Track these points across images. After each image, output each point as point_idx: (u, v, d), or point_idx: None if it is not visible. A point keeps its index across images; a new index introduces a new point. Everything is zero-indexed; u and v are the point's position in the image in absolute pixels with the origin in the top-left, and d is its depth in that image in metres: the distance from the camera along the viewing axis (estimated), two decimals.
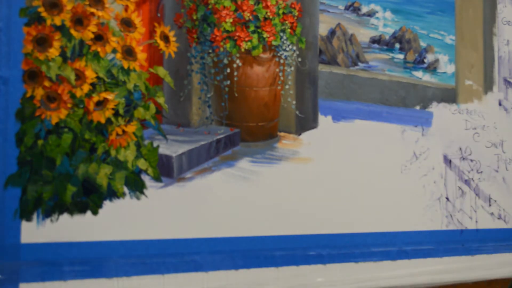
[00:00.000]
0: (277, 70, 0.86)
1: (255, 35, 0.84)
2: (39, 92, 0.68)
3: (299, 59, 0.88)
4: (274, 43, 0.85)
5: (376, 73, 0.97)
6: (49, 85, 0.68)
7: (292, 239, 0.84)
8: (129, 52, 0.73)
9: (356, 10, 0.97)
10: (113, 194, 0.72)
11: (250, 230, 0.81)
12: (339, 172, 0.90)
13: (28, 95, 0.67)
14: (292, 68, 0.87)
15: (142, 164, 0.74)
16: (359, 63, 0.96)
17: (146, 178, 0.74)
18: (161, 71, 0.76)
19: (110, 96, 0.71)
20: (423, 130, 1.00)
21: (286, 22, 0.86)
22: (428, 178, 1.00)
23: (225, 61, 0.82)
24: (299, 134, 0.88)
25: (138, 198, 0.73)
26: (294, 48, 0.88)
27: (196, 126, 0.81)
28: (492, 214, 1.07)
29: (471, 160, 1.06)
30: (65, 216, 0.69)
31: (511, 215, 1.09)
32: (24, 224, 0.67)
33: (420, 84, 1.02)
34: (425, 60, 1.04)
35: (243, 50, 0.83)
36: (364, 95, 0.95)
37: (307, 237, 0.86)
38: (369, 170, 0.93)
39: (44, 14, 0.68)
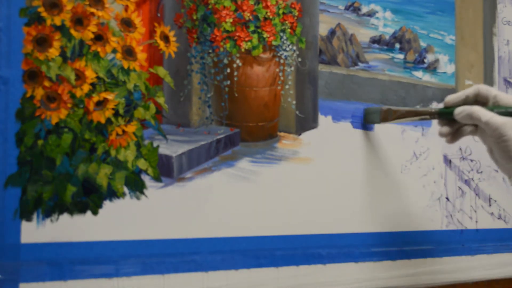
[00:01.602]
0: (277, 70, 0.86)
1: (255, 35, 0.84)
2: (39, 92, 0.68)
3: (299, 59, 0.88)
4: (274, 43, 0.85)
5: (376, 73, 0.97)
6: (49, 85, 0.68)
7: (292, 239, 0.84)
8: (129, 52, 0.73)
9: (356, 10, 0.97)
10: (113, 194, 0.72)
11: (250, 230, 0.81)
12: (339, 172, 0.90)
13: (28, 95, 0.67)
14: (292, 68, 0.87)
15: (142, 164, 0.74)
16: (359, 63, 0.96)
17: (146, 178, 0.74)
18: (161, 71, 0.76)
19: (110, 96, 0.71)
20: (423, 130, 1.00)
21: (286, 22, 0.86)
22: (428, 178, 1.00)
23: (225, 61, 0.82)
24: (299, 134, 0.88)
25: (138, 198, 0.73)
26: (294, 48, 0.88)
27: (196, 126, 0.81)
28: (492, 214, 1.07)
29: (471, 160, 1.06)
30: (65, 216, 0.69)
31: (511, 215, 1.09)
32: (24, 224, 0.67)
33: (420, 84, 1.02)
34: (425, 60, 1.04)
35: (243, 50, 0.83)
36: (364, 95, 0.95)
37: (307, 237, 0.86)
38: (369, 170, 0.93)
39: (44, 14, 0.68)
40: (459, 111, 0.78)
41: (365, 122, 0.92)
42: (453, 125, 0.81)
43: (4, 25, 0.67)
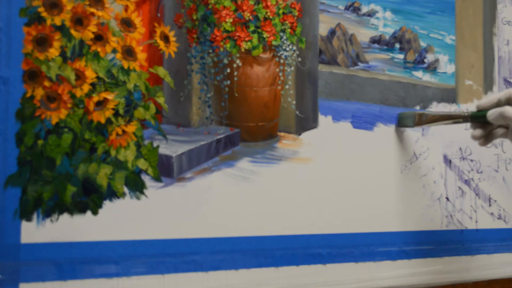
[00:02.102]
0: (277, 70, 0.86)
1: (255, 35, 0.84)
2: (39, 92, 0.68)
3: (299, 59, 0.88)
4: (274, 43, 0.85)
5: (376, 73, 0.97)
6: (49, 85, 0.68)
7: (292, 239, 0.84)
8: (129, 52, 0.73)
9: (356, 10, 0.97)
10: (113, 194, 0.72)
11: (250, 230, 0.81)
12: (339, 172, 0.90)
13: (28, 95, 0.67)
14: (292, 68, 0.87)
15: (142, 164, 0.74)
16: (359, 63, 0.96)
17: (146, 178, 0.74)
18: (161, 71, 0.76)
19: (110, 96, 0.71)
20: (423, 130, 1.00)
21: (286, 22, 0.86)
22: (428, 178, 1.00)
23: (225, 61, 0.82)
24: (299, 134, 0.88)
25: (138, 198, 0.73)
26: (294, 48, 0.88)
27: (196, 126, 0.81)
28: (492, 214, 1.07)
29: (471, 160, 1.06)
30: (65, 216, 0.69)
31: (511, 215, 1.09)
32: (24, 224, 0.67)
33: (420, 84, 1.02)
34: (425, 60, 1.04)
35: (243, 50, 0.83)
36: (364, 95, 0.95)
37: (307, 237, 0.86)
38: (369, 170, 0.93)
39: (44, 14, 0.68)
40: (491, 112, 0.82)
41: (399, 126, 0.95)
42: (485, 128, 0.85)
43: (4, 25, 0.67)
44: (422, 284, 0.95)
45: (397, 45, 1.01)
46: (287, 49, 0.87)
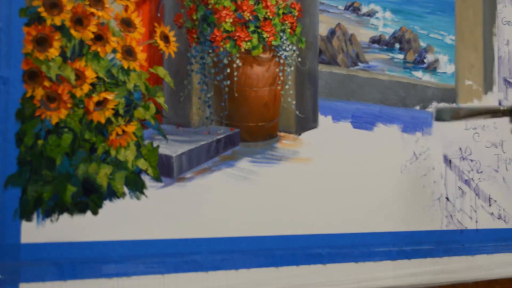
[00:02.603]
0: (277, 70, 0.86)
1: (255, 35, 0.84)
2: (39, 92, 0.68)
3: (299, 59, 0.88)
4: (274, 43, 0.85)
5: (376, 73, 0.97)
6: (49, 85, 0.68)
7: (292, 239, 0.84)
8: (129, 52, 0.73)
9: (356, 10, 0.97)
10: (113, 194, 0.72)
11: (250, 230, 0.81)
12: (339, 172, 0.90)
13: (28, 95, 0.67)
14: (292, 68, 0.87)
15: (142, 164, 0.74)
16: (359, 63, 0.96)
17: (146, 178, 0.74)
18: (161, 71, 0.76)
19: (110, 96, 0.71)
20: (423, 130, 1.00)
21: (286, 22, 0.86)
22: (428, 178, 1.00)
23: (225, 61, 0.82)
24: (299, 134, 0.88)
25: (138, 198, 0.73)
26: (294, 48, 0.88)
27: (196, 126, 0.81)
28: (492, 214, 1.07)
29: (471, 160, 1.06)
30: (65, 216, 0.69)
31: (511, 215, 1.09)
32: (24, 224, 0.67)
33: (420, 84, 1.02)
34: (425, 60, 1.04)
35: (243, 50, 0.83)
36: (364, 95, 0.95)
37: (307, 237, 0.86)
38: (369, 170, 0.93)
39: (44, 14, 0.68)
40: None
41: (436, 120, 0.94)
42: None
43: (4, 25, 0.67)
44: (422, 284, 0.95)
45: (397, 45, 1.01)
46: (287, 49, 0.87)
